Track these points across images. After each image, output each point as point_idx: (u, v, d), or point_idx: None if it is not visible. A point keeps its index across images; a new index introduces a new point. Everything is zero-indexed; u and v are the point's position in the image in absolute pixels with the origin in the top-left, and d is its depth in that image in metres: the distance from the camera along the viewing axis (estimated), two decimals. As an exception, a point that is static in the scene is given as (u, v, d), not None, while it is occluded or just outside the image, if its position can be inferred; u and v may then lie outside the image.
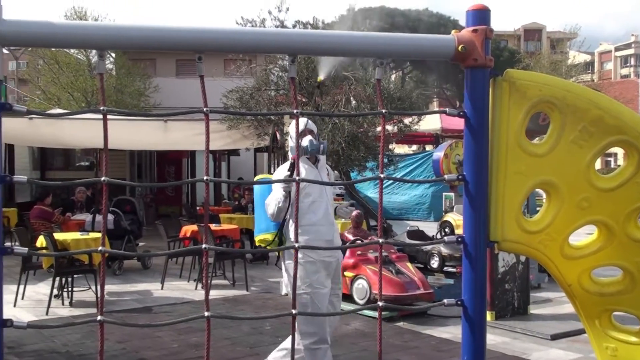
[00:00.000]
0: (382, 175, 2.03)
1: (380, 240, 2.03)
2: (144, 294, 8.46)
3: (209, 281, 8.54)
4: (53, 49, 24.64)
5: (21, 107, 2.17)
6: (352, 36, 2.22)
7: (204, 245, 2.14)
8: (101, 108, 2.02)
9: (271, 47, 2.15)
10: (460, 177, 2.01)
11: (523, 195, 1.90)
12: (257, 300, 8.08)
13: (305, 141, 4.41)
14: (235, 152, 18.39)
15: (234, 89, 12.18)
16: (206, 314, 2.15)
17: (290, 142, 4.85)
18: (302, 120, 4.48)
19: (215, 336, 6.04)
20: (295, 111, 2.05)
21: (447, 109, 2.06)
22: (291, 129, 4.72)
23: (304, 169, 4.42)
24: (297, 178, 1.93)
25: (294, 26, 12.33)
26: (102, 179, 2.10)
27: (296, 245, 2.03)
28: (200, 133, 10.96)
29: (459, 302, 2.00)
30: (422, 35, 2.12)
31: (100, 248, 2.16)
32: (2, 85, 2.07)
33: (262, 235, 4.71)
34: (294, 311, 2.00)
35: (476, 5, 2.07)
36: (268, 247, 4.82)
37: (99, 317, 2.19)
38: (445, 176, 2.11)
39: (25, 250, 2.33)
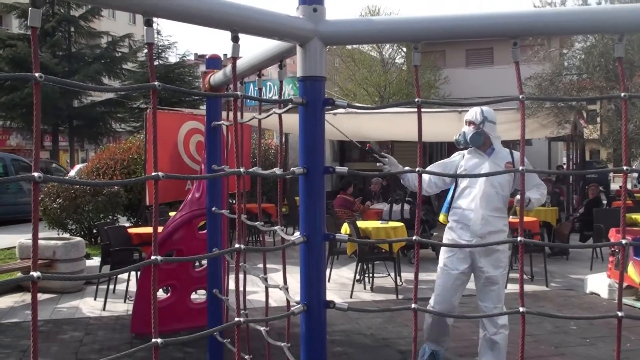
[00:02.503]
0: None
1: None
2: (439, 284, 8.58)
3: (507, 275, 8.33)
4: (349, 47, 26.26)
5: (342, 102, 2.32)
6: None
7: (519, 238, 2.06)
8: (416, 100, 2.06)
9: (596, 27, 1.99)
10: None
11: None
12: (558, 298, 7.67)
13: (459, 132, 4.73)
14: (527, 141, 17.73)
15: (531, 76, 11.67)
16: (521, 309, 2.07)
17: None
18: (475, 110, 4.68)
19: (515, 332, 5.86)
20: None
21: None
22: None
23: (466, 157, 4.71)
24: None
25: (599, 3, 11.38)
26: (417, 169, 2.14)
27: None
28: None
29: None
30: None
31: (414, 238, 2.22)
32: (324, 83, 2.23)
33: (440, 215, 5.16)
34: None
35: None
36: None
37: (413, 306, 2.24)
38: None
39: (345, 236, 2.48)
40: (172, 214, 7.49)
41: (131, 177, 11.63)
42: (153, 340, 1.70)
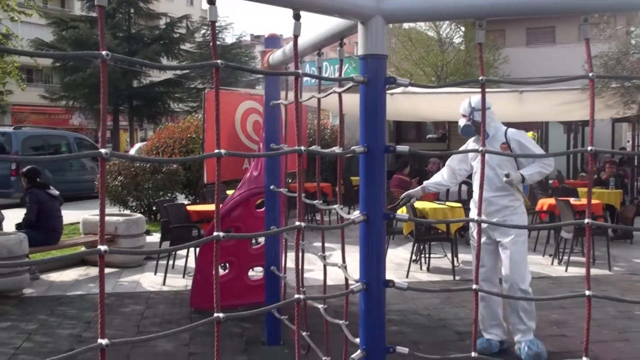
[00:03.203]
0: None
1: None
2: (497, 266, 8.46)
3: (568, 258, 8.13)
4: (405, 27, 25.91)
5: (404, 80, 2.29)
6: None
7: (587, 220, 2.01)
8: (480, 78, 2.02)
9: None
10: None
11: None
12: (621, 282, 7.45)
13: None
14: (587, 122, 17.19)
15: (597, 55, 11.27)
16: (587, 292, 2.02)
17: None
18: (464, 102, 4.98)
19: (576, 316, 5.75)
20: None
21: None
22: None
23: (470, 145, 5.02)
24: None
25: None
26: (480, 148, 2.11)
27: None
28: (558, 104, 10.43)
29: None
30: None
31: (476, 218, 2.18)
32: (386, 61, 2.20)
33: None
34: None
35: None
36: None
37: (474, 286, 2.21)
38: None
39: (406, 216, 2.47)
40: (229, 192, 7.58)
41: (190, 155, 11.82)
42: (215, 314, 1.73)
